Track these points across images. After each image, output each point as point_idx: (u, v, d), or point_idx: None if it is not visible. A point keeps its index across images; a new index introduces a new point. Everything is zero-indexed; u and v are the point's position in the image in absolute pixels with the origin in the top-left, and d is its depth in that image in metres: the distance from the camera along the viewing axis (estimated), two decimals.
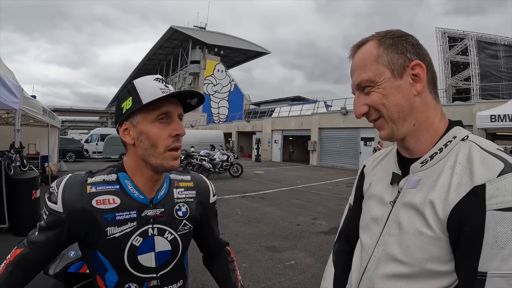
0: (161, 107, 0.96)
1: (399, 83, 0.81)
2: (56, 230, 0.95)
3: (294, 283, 3.99)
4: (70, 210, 0.94)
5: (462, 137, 0.81)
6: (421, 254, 0.78)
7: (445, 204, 0.74)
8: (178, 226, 1.09)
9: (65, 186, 0.96)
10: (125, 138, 0.99)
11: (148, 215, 1.02)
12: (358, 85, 0.86)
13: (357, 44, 0.89)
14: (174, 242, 1.08)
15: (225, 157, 14.63)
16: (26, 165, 7.40)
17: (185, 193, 1.14)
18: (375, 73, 0.82)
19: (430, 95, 0.84)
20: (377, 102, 0.83)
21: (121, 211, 0.98)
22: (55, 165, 12.57)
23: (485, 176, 0.69)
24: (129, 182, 1.02)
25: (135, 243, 1.00)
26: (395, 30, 0.86)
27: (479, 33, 27.92)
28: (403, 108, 0.81)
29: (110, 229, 0.96)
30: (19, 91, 5.55)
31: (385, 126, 0.85)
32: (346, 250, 1.14)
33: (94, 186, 0.98)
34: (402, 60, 0.81)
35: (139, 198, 1.02)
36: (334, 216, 7.55)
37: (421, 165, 0.84)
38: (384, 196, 0.93)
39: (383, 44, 0.83)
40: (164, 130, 0.97)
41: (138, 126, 0.97)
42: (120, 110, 1.00)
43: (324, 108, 26.36)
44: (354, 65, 0.88)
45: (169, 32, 49.34)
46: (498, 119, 10.27)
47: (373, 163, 1.09)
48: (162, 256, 1.06)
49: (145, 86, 0.96)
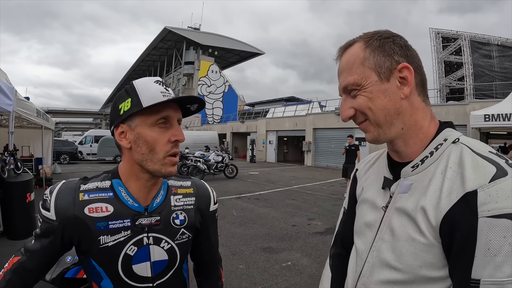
0: (162, 111, 0.92)
1: (386, 86, 0.79)
2: (50, 237, 0.94)
3: (291, 284, 3.99)
4: (62, 217, 0.92)
5: (453, 140, 0.79)
6: (414, 261, 0.76)
7: (436, 210, 0.73)
8: (176, 235, 1.05)
9: (58, 193, 0.94)
10: (121, 141, 0.95)
11: (143, 224, 0.98)
12: (345, 88, 0.84)
13: (344, 46, 0.87)
14: (171, 251, 1.04)
15: (220, 158, 14.59)
16: (20, 168, 7.36)
17: (183, 200, 1.09)
18: (361, 77, 0.80)
19: (418, 98, 0.82)
20: (363, 106, 0.81)
21: (115, 219, 0.95)
22: (49, 167, 12.46)
23: (477, 181, 0.68)
24: (123, 189, 0.98)
25: (129, 252, 0.97)
26: (383, 30, 0.84)
27: (473, 33, 28.16)
28: (390, 112, 0.79)
29: (103, 237, 0.94)
30: (13, 93, 5.51)
31: (370, 129, 0.84)
32: (343, 253, 1.13)
33: (86, 194, 0.95)
34: (389, 63, 0.79)
35: (133, 206, 0.98)
36: (329, 216, 7.56)
37: (412, 170, 0.82)
38: (376, 201, 0.92)
39: (370, 46, 0.81)
40: (163, 135, 0.93)
41: (136, 129, 0.92)
42: (117, 111, 0.95)
43: (318, 109, 26.41)
44: (341, 67, 0.86)
45: (163, 33, 49.24)
46: (492, 119, 10.32)
47: (365, 167, 1.07)
48: (158, 265, 1.02)
49: (146, 88, 0.92)
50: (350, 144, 10.40)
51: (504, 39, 27.65)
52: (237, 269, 4.37)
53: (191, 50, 51.44)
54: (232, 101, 54.06)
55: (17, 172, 6.74)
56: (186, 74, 51.87)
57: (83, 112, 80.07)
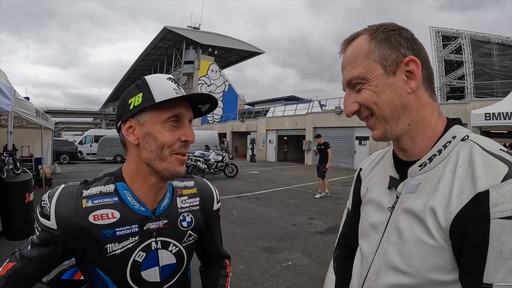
0: (174, 109, 0.89)
1: (392, 80, 0.76)
2: (50, 247, 0.87)
3: (291, 284, 3.97)
4: (64, 226, 0.86)
5: (462, 137, 0.76)
6: (423, 264, 0.73)
7: (447, 211, 0.70)
8: (183, 238, 1.02)
9: (58, 200, 0.88)
10: (129, 137, 0.90)
11: (151, 228, 0.94)
12: (349, 82, 0.82)
13: (348, 39, 0.84)
14: (179, 254, 1.01)
15: (220, 157, 14.60)
16: (19, 168, 7.35)
17: (189, 201, 1.06)
18: (366, 70, 0.77)
19: (425, 93, 0.79)
20: (368, 100, 0.78)
21: (121, 225, 0.90)
22: (49, 167, 12.41)
23: (488, 181, 0.65)
24: (128, 193, 0.93)
25: (137, 258, 0.93)
26: (388, 23, 0.81)
27: (473, 31, 28.11)
28: (396, 107, 0.76)
29: (110, 246, 0.89)
30: (11, 93, 5.49)
31: (377, 125, 0.81)
32: (347, 256, 1.11)
33: (90, 200, 0.90)
34: (395, 56, 0.76)
35: (140, 210, 0.93)
36: (330, 216, 7.54)
37: (419, 168, 0.79)
38: (382, 202, 0.89)
39: (375, 38, 0.78)
40: (174, 133, 0.89)
41: (146, 125, 0.88)
42: (126, 105, 0.91)
43: (318, 108, 26.43)
44: (345, 60, 0.83)
45: (163, 33, 49.17)
46: (492, 117, 10.29)
47: (369, 166, 1.05)
48: (167, 269, 0.99)
49: (159, 83, 0.89)
50: (320, 144, 10.33)
51: (504, 38, 27.61)
52: (237, 269, 4.35)
53: (191, 50, 51.43)
54: (232, 100, 53.98)
55: (16, 172, 6.73)
56: (186, 73, 51.86)
57: (83, 112, 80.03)
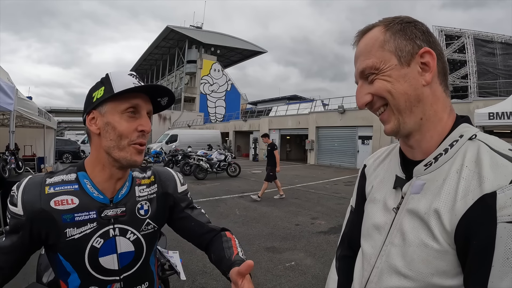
0: (131, 100, 0.96)
1: (406, 71, 0.75)
2: (19, 233, 0.94)
3: (295, 284, 3.94)
4: (29, 212, 0.93)
5: (469, 136, 0.74)
6: (426, 268, 0.71)
7: (451, 214, 0.67)
8: (141, 226, 1.07)
9: (24, 188, 0.96)
10: (91, 127, 0.98)
11: (109, 215, 1.00)
12: (362, 72, 0.80)
13: (362, 30, 0.83)
14: (137, 242, 1.06)
15: (223, 156, 14.60)
16: (22, 167, 7.35)
17: (147, 190, 1.12)
18: (380, 60, 0.76)
19: (440, 87, 0.77)
20: (382, 89, 0.76)
21: (80, 211, 0.96)
22: (51, 166, 12.44)
23: (496, 182, 0.62)
24: (88, 181, 1.00)
25: (95, 244, 0.98)
26: (403, 16, 0.80)
27: (476, 31, 27.99)
28: (410, 98, 0.74)
29: (69, 230, 0.95)
30: (14, 92, 5.47)
31: (391, 118, 0.78)
32: (350, 255, 1.07)
33: (52, 187, 0.97)
34: (411, 47, 0.75)
35: (98, 198, 1.00)
36: (333, 215, 7.51)
37: (424, 168, 0.77)
38: (387, 202, 0.87)
39: (391, 29, 0.77)
40: (131, 123, 0.96)
41: (106, 115, 0.96)
42: (90, 99, 0.99)
43: (321, 107, 26.40)
44: (358, 51, 0.82)
45: (165, 32, 49.32)
46: (496, 117, 10.24)
47: (374, 163, 1.02)
48: (125, 257, 1.03)
49: (119, 77, 0.96)
50: (267, 144, 9.67)
51: (507, 37, 27.47)
52: None
53: (194, 49, 51.55)
54: (234, 99, 54.09)
55: (18, 172, 6.73)
56: (189, 72, 51.95)
57: None
